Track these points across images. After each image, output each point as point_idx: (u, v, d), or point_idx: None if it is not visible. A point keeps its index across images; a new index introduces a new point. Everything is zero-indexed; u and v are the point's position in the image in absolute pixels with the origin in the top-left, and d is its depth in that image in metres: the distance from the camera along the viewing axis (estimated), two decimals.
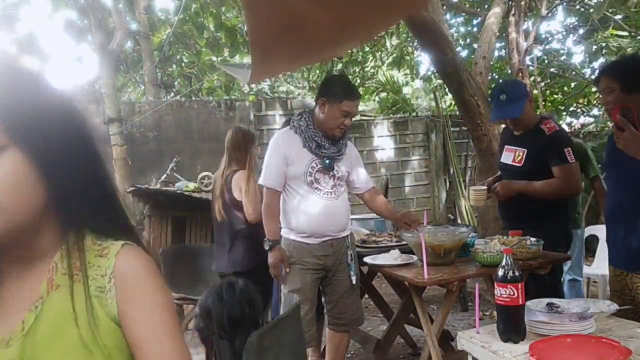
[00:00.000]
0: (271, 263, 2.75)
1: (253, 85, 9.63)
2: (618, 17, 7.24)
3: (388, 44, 9.92)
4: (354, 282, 2.89)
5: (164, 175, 6.65)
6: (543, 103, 9.14)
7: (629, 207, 2.18)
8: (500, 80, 9.21)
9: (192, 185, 6.04)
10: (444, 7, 7.05)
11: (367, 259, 2.97)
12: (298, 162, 2.76)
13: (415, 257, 2.85)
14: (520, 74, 6.63)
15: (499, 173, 3.23)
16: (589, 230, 4.58)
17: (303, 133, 2.78)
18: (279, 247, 2.76)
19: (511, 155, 3.01)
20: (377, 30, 4.84)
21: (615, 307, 2.07)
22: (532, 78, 7.42)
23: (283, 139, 2.83)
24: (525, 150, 2.94)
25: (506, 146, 3.09)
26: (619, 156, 2.07)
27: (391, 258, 2.87)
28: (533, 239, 2.71)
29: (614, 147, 2.11)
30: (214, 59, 9.88)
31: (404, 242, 3.07)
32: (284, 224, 2.83)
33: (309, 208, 2.77)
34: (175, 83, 10.61)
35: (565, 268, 3.91)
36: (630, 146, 1.96)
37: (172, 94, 10.23)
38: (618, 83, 2.17)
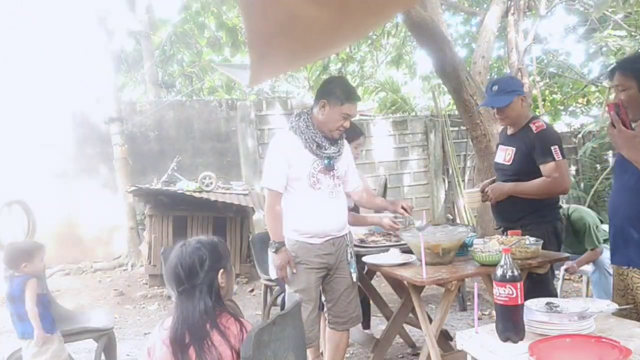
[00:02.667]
0: (278, 265, 2.75)
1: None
2: (618, 16, 7.23)
3: (384, 41, 9.91)
4: (354, 279, 2.90)
5: (165, 175, 6.64)
6: (542, 103, 9.15)
7: (627, 205, 2.21)
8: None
9: (193, 185, 6.03)
10: (443, 7, 7.06)
11: (366, 259, 2.97)
12: (300, 164, 2.76)
13: (414, 257, 2.85)
14: (519, 74, 6.63)
15: (495, 176, 3.26)
16: None
17: (303, 134, 2.77)
18: (285, 249, 2.75)
19: (502, 155, 3.08)
20: (373, 27, 4.84)
21: (614, 306, 2.08)
22: (531, 78, 7.42)
23: (284, 140, 2.82)
24: (514, 149, 2.98)
25: (500, 146, 3.16)
26: (623, 158, 2.09)
27: (390, 257, 2.88)
28: (532, 239, 2.71)
29: None
30: (215, 58, 9.88)
31: (402, 242, 3.08)
32: (286, 225, 2.82)
33: (312, 209, 2.77)
34: (177, 82, 10.60)
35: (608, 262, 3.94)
36: (617, 142, 2.04)
37: (173, 94, 10.23)
38: (635, 81, 2.10)
